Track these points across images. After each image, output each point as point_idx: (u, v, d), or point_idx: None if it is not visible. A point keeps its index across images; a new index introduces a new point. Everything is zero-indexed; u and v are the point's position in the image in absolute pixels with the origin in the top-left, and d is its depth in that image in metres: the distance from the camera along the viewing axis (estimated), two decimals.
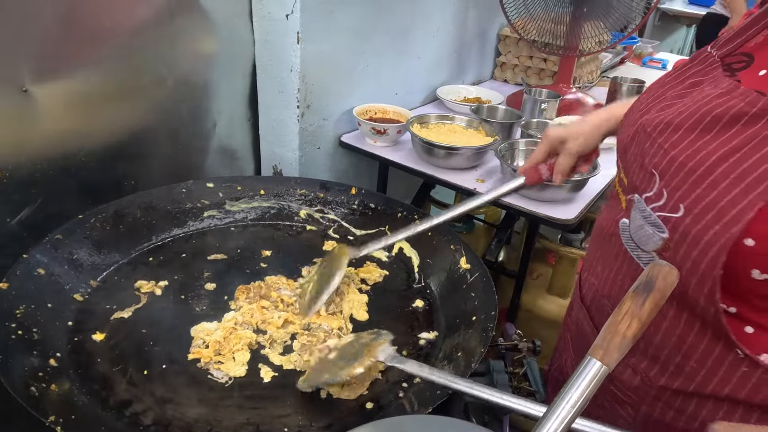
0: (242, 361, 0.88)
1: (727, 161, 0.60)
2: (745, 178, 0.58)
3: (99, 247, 1.07)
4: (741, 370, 0.65)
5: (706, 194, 0.61)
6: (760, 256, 0.58)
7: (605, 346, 0.55)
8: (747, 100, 0.61)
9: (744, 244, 0.58)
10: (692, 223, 0.62)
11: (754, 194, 0.57)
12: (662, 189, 0.67)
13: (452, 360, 0.90)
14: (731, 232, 0.58)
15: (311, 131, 1.52)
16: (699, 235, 0.61)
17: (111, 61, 1.16)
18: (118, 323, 0.94)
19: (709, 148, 0.62)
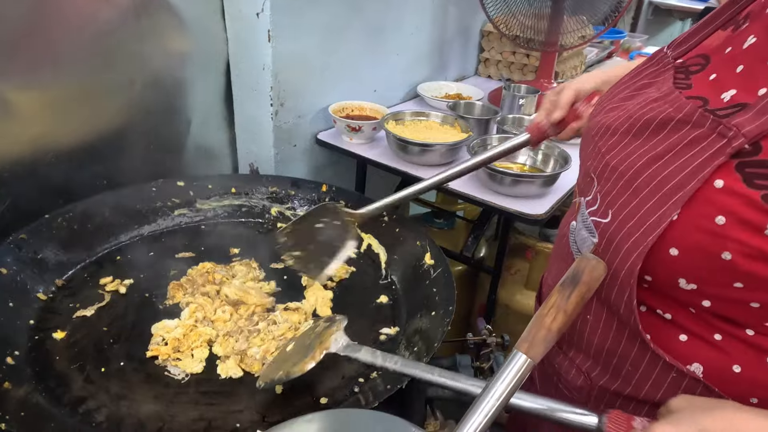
0: (200, 358, 0.89)
1: (650, 167, 0.60)
2: (664, 185, 0.57)
3: (65, 247, 1.07)
4: (671, 376, 0.64)
5: (630, 201, 0.61)
6: (684, 267, 0.58)
7: (530, 339, 0.56)
8: (675, 106, 0.61)
9: (669, 253, 0.57)
10: (616, 230, 0.62)
11: (669, 203, 0.56)
12: (597, 194, 0.67)
13: (411, 355, 0.90)
14: (647, 241, 0.57)
15: (286, 129, 1.52)
16: (621, 243, 0.61)
17: (79, 62, 1.16)
18: (80, 321, 0.95)
19: (638, 153, 0.62)
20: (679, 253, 0.57)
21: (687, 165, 0.56)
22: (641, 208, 0.59)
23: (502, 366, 0.55)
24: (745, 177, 0.52)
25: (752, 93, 0.56)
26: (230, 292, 1.00)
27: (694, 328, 0.63)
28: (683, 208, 0.55)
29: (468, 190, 1.39)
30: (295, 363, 0.81)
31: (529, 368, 0.55)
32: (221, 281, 1.04)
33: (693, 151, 0.56)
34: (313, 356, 0.80)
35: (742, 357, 0.60)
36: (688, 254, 0.56)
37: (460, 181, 1.43)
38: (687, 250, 0.56)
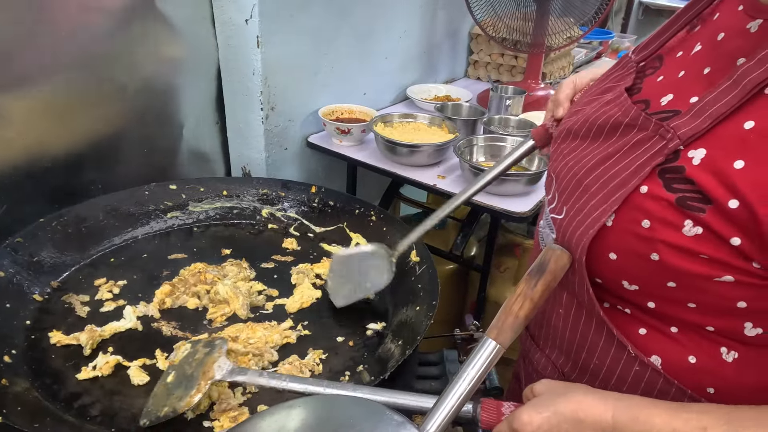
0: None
1: (600, 167, 0.63)
2: (609, 184, 0.61)
3: (61, 249, 1.10)
4: (634, 369, 0.67)
5: (580, 198, 0.64)
6: (624, 269, 0.61)
7: (499, 326, 0.59)
8: (623, 110, 0.64)
9: (609, 257, 0.61)
10: (568, 225, 0.65)
11: (611, 200, 0.60)
12: (555, 192, 0.71)
13: (395, 348, 0.93)
14: (588, 234, 0.61)
15: (277, 132, 1.55)
16: (571, 237, 0.64)
17: (72, 70, 1.19)
18: (76, 321, 0.98)
19: (591, 154, 0.66)
20: (617, 257, 0.61)
21: (631, 164, 0.60)
22: (588, 204, 0.63)
23: (473, 352, 0.58)
24: (665, 182, 0.57)
25: (685, 100, 0.60)
26: (222, 290, 1.03)
27: (651, 321, 0.65)
28: (616, 214, 0.59)
29: (455, 189, 1.42)
30: (180, 397, 0.78)
31: (498, 353, 0.58)
32: (213, 281, 1.07)
33: (637, 152, 0.60)
34: (198, 388, 0.77)
35: (697, 348, 0.63)
36: (624, 258, 0.60)
37: (448, 180, 1.47)
38: (623, 253, 0.60)
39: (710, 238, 0.54)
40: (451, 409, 0.56)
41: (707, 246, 0.54)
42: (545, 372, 0.82)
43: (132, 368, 0.88)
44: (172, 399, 0.77)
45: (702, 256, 0.55)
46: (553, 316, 0.77)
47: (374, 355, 0.95)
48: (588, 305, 0.67)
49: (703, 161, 0.54)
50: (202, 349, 0.84)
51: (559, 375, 0.79)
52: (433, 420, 0.56)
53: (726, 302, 0.57)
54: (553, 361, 0.81)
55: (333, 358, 0.94)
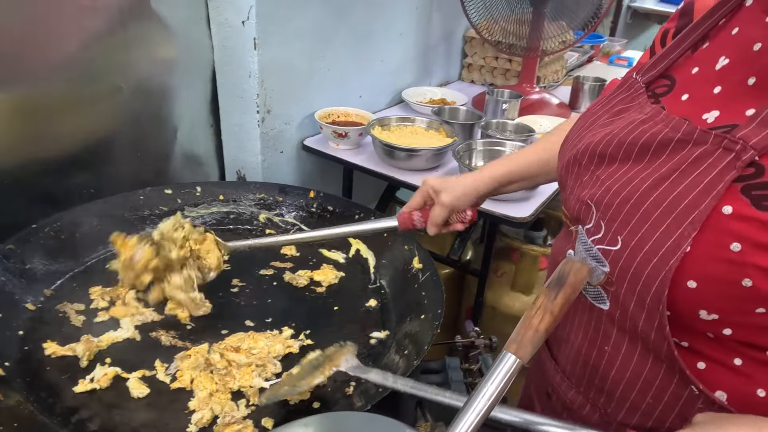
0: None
1: (657, 189, 0.59)
2: (675, 207, 0.56)
3: (53, 256, 1.07)
4: (696, 407, 0.62)
5: (641, 225, 0.59)
6: (704, 298, 0.56)
7: (519, 340, 0.57)
8: (671, 126, 0.60)
9: (687, 286, 0.56)
10: (630, 257, 0.60)
11: (685, 224, 0.55)
12: (599, 221, 0.65)
13: (401, 357, 0.92)
14: (669, 264, 0.56)
15: (273, 135, 1.53)
16: (640, 269, 0.59)
17: (64, 70, 1.16)
18: (71, 331, 0.95)
19: (640, 177, 0.61)
20: (698, 285, 0.55)
21: (697, 183, 0.55)
22: (654, 232, 0.58)
23: (491, 367, 0.57)
24: (753, 200, 0.52)
25: (739, 114, 0.57)
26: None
27: (712, 354, 0.61)
28: (695, 240, 0.54)
29: None
30: (302, 378, 0.82)
31: (517, 368, 0.57)
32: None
33: (700, 168, 0.56)
34: (322, 371, 0.81)
35: (765, 380, 0.59)
36: (707, 285, 0.55)
37: None
38: (706, 281, 0.55)
39: None
40: (470, 427, 0.55)
41: None
42: (582, 411, 0.77)
43: (131, 380, 0.85)
44: (294, 379, 0.81)
45: None
46: (593, 354, 0.72)
47: (379, 364, 0.94)
48: (655, 343, 0.62)
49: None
50: (333, 348, 0.86)
51: (599, 416, 0.75)
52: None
53: None
54: (590, 401, 0.76)
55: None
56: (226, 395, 0.84)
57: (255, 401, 0.84)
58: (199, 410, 0.81)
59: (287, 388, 0.81)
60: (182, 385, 0.85)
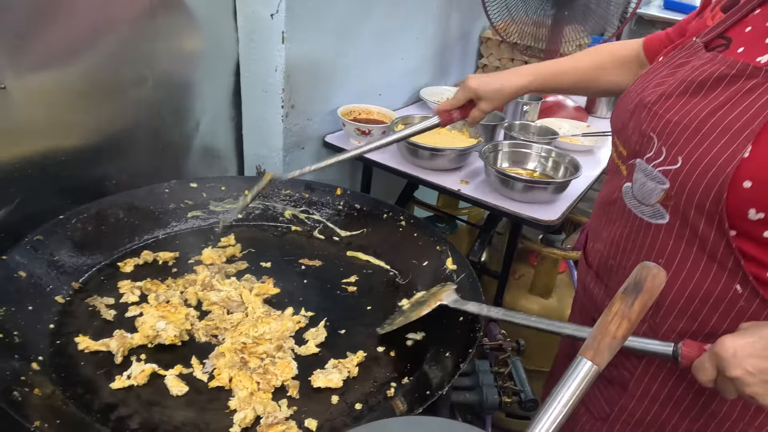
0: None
1: (714, 115, 0.70)
2: (731, 127, 0.68)
3: (80, 248, 1.05)
4: (738, 305, 0.74)
5: (700, 145, 0.70)
6: (756, 197, 0.66)
7: (596, 347, 0.56)
8: (727, 64, 0.72)
9: (743, 186, 0.66)
10: (691, 170, 0.71)
11: (740, 139, 0.67)
12: (661, 147, 0.76)
13: (440, 361, 0.90)
14: (728, 170, 0.67)
15: (295, 131, 1.51)
16: (699, 179, 0.70)
17: (91, 59, 1.13)
18: (102, 326, 0.93)
19: (698, 107, 0.72)
20: (753, 184, 0.66)
21: (750, 107, 0.67)
22: (713, 148, 0.69)
23: (567, 373, 0.55)
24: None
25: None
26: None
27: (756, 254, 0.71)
28: (753, 145, 0.65)
29: (480, 195, 1.40)
30: (413, 310, 0.96)
31: (594, 375, 0.55)
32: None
33: (752, 96, 0.68)
34: (428, 304, 0.94)
35: None
36: (759, 184, 0.66)
37: (472, 186, 1.44)
38: (760, 181, 0.65)
39: None
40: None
41: None
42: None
43: (169, 378, 0.83)
44: (406, 313, 0.96)
45: None
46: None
47: (417, 367, 0.92)
48: (713, 242, 0.73)
49: None
50: (437, 287, 1.00)
51: (648, 326, 0.84)
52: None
53: None
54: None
55: (376, 368, 0.91)
56: (267, 395, 0.82)
57: (295, 394, 0.83)
58: (241, 410, 0.79)
59: (401, 318, 0.96)
60: (221, 384, 0.83)
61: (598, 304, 0.95)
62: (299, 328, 0.97)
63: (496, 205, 1.36)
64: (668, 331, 0.82)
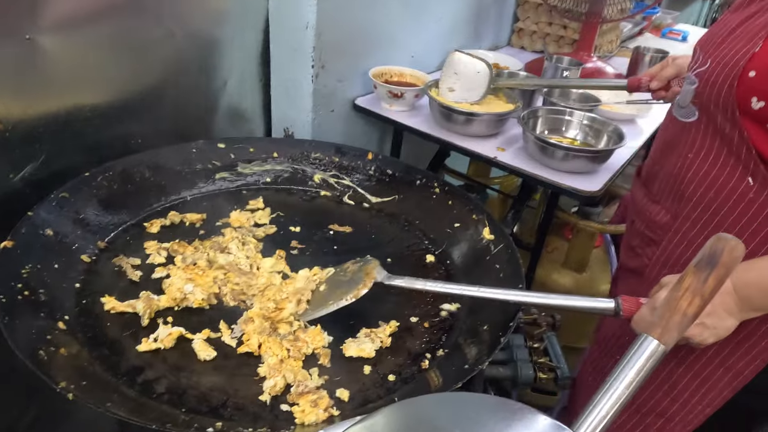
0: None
1: (742, 25, 0.80)
2: (752, 32, 0.78)
3: (106, 207, 1.02)
4: (748, 197, 0.81)
5: (726, 47, 0.80)
6: (757, 85, 0.74)
7: (664, 324, 0.51)
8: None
9: (748, 76, 0.75)
10: (713, 68, 0.81)
11: (756, 37, 0.76)
12: (700, 55, 0.87)
13: (477, 334, 0.86)
14: (740, 64, 0.76)
15: (325, 93, 1.45)
16: (718, 74, 0.79)
17: (117, 13, 1.09)
18: (127, 286, 0.90)
19: (732, 20, 0.84)
20: (756, 73, 0.74)
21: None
22: (733, 48, 0.78)
23: (631, 351, 0.51)
24: None
25: None
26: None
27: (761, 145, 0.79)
28: (764, 41, 0.74)
29: (517, 163, 1.33)
30: (345, 292, 0.86)
31: (661, 355, 0.51)
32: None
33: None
34: (364, 284, 0.86)
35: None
36: (763, 73, 0.74)
37: (509, 153, 1.37)
38: (762, 69, 0.74)
39: None
40: (608, 415, 0.49)
41: None
42: (656, 218, 0.97)
43: (196, 342, 0.80)
44: (336, 295, 0.87)
45: None
46: (677, 165, 0.91)
47: (451, 338, 0.88)
48: (729, 133, 0.81)
49: None
50: (353, 265, 0.93)
51: (671, 217, 0.94)
52: (587, 424, 0.49)
53: None
54: (665, 208, 0.95)
55: (409, 339, 0.87)
56: (297, 362, 0.79)
57: (326, 363, 0.81)
58: (271, 377, 0.76)
59: (332, 302, 0.86)
60: (250, 350, 0.81)
61: (638, 207, 1.04)
62: None
63: (535, 174, 1.30)
64: (684, 218, 0.91)
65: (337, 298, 0.87)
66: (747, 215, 0.82)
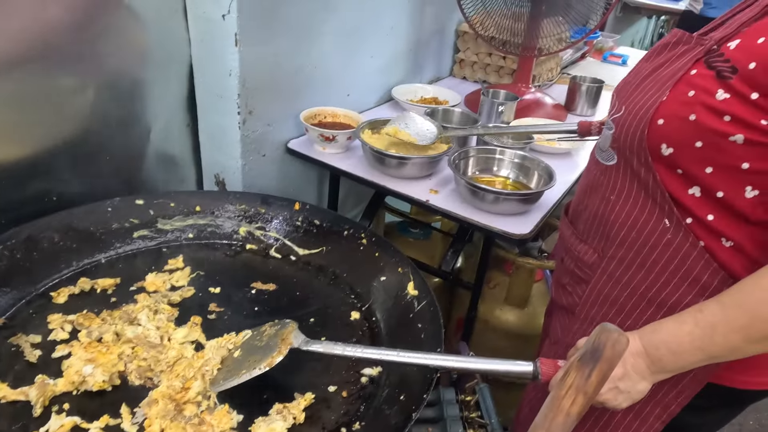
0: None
1: (654, 73, 0.85)
2: (662, 78, 0.82)
3: (7, 279, 0.96)
4: (666, 237, 0.84)
5: (638, 96, 0.84)
6: (666, 132, 0.79)
7: (547, 426, 0.49)
8: (673, 34, 0.86)
9: (657, 123, 0.79)
10: (627, 114, 0.85)
11: (664, 86, 0.80)
12: (616, 102, 0.91)
13: (394, 404, 0.83)
14: (651, 111, 0.79)
15: (254, 138, 1.42)
16: (632, 121, 0.83)
17: (21, 63, 1.04)
18: (24, 369, 0.84)
19: (645, 68, 0.88)
20: (664, 121, 0.78)
21: (677, 63, 0.81)
22: (646, 93, 0.82)
23: None
24: (707, 64, 0.76)
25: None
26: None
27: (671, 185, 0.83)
28: (671, 90, 0.78)
29: (449, 206, 1.32)
30: (259, 360, 0.82)
31: None
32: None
33: (683, 56, 0.81)
34: (279, 351, 0.82)
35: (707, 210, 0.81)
36: (669, 121, 0.78)
37: (442, 195, 1.36)
38: (669, 118, 0.78)
39: (734, 101, 0.72)
40: None
41: (732, 106, 0.72)
42: (584, 257, 0.99)
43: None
44: (249, 363, 0.82)
45: (725, 117, 0.73)
46: (601, 207, 0.94)
47: (370, 408, 0.85)
48: (644, 177, 0.84)
49: (737, 45, 0.74)
50: (270, 328, 0.89)
51: (597, 256, 0.96)
52: None
53: (734, 162, 0.74)
54: (593, 247, 0.97)
55: (325, 411, 0.84)
56: None
57: None
58: None
59: (245, 371, 0.82)
60: None
61: (567, 245, 1.05)
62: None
63: (465, 218, 1.29)
64: (611, 258, 0.93)
65: (250, 366, 0.82)
66: (667, 254, 0.85)
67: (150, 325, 0.92)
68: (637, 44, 5.32)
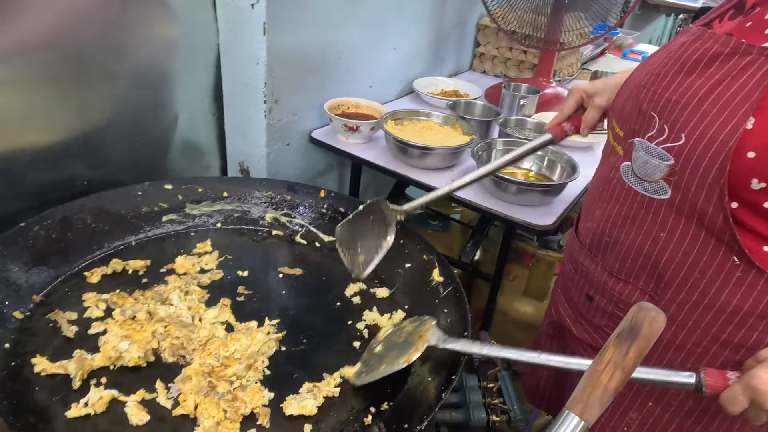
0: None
1: (714, 92, 0.72)
2: (731, 102, 0.70)
3: (43, 258, 0.98)
4: (736, 275, 0.75)
5: (702, 120, 0.72)
6: (759, 167, 0.68)
7: (585, 400, 0.50)
8: (720, 42, 0.73)
9: (746, 156, 0.68)
10: (695, 146, 0.72)
11: (742, 111, 0.68)
12: (663, 126, 0.77)
13: (424, 385, 0.84)
14: (731, 143, 0.68)
15: (279, 127, 1.44)
16: (703, 154, 0.71)
17: (57, 50, 1.06)
18: (62, 344, 0.87)
19: (696, 84, 0.74)
20: (756, 154, 0.67)
21: (747, 83, 0.69)
22: (714, 123, 0.70)
23: (551, 427, 0.50)
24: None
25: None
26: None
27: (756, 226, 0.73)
28: (755, 116, 0.67)
29: (471, 197, 1.33)
30: (397, 356, 0.83)
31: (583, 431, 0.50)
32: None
33: (749, 72, 0.69)
34: (416, 348, 0.82)
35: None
36: (762, 154, 0.67)
37: None
38: (763, 150, 0.67)
39: None
40: None
41: None
42: (632, 298, 0.88)
43: (130, 405, 0.77)
44: (389, 359, 0.84)
45: None
46: (647, 244, 0.83)
47: (401, 391, 0.86)
48: (711, 215, 0.74)
49: None
50: (409, 325, 0.90)
51: (649, 298, 0.85)
52: None
53: None
54: (640, 288, 0.87)
55: (354, 391, 0.85)
56: (234, 425, 0.76)
57: (265, 423, 0.78)
58: None
59: (384, 367, 0.84)
60: (185, 412, 0.78)
61: (594, 280, 0.94)
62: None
63: (488, 208, 1.30)
64: (669, 302, 0.83)
65: (390, 362, 0.84)
66: (738, 294, 0.76)
67: (182, 305, 0.94)
68: (655, 42, 5.28)
